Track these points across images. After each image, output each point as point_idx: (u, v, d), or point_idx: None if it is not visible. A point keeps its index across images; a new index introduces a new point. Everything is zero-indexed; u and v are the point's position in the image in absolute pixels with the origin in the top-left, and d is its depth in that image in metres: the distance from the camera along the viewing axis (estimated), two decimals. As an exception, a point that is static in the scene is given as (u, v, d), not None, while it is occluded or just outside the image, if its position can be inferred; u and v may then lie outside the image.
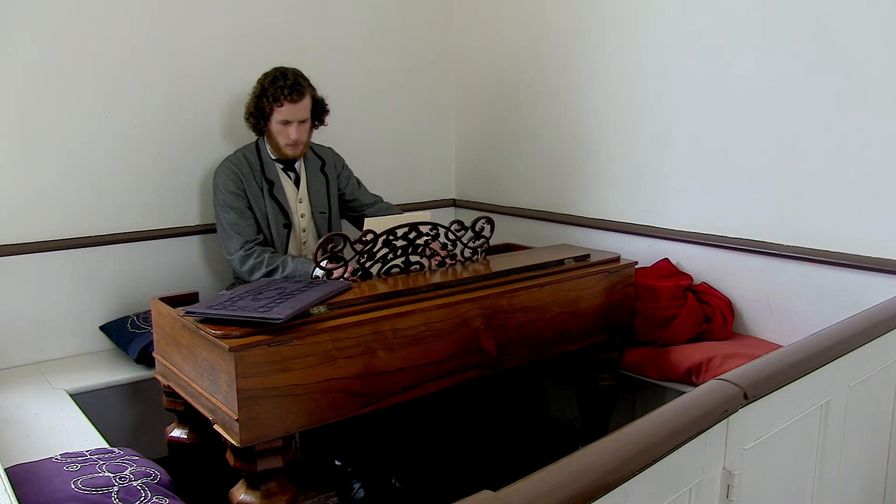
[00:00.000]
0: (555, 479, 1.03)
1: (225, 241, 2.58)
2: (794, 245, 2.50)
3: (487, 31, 3.52)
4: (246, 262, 2.51)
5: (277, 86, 2.55)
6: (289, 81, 2.56)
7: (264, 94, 2.58)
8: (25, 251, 2.56)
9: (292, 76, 2.58)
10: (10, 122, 2.51)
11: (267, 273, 2.48)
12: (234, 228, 2.55)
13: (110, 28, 2.66)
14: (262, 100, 2.58)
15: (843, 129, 2.35)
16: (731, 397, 1.34)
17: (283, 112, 2.56)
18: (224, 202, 2.58)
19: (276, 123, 2.59)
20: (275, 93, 2.55)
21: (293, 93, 2.55)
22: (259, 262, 2.49)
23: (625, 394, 2.85)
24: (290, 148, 2.62)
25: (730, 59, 2.60)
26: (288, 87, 2.54)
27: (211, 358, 1.78)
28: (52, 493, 1.57)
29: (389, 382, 1.97)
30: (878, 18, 2.24)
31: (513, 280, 2.29)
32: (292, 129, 2.58)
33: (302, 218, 2.73)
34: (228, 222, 2.56)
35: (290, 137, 2.59)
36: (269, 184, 2.65)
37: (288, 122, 2.57)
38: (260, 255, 2.51)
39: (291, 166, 2.72)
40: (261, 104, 2.59)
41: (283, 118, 2.57)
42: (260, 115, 2.61)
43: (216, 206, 2.62)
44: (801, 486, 1.68)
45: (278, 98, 2.54)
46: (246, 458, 1.81)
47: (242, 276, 2.56)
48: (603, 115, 3.05)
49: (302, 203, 2.73)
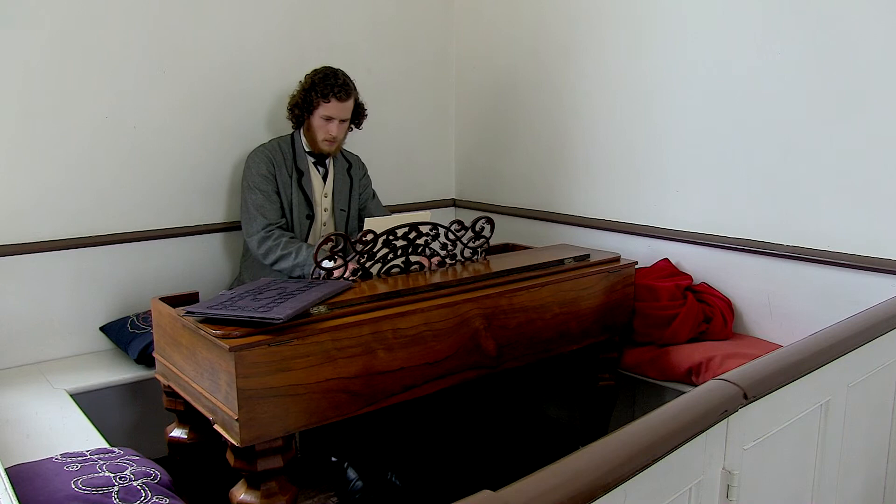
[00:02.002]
0: (555, 479, 1.03)
1: (247, 222, 2.66)
2: (794, 245, 2.50)
3: (487, 30, 3.52)
4: (264, 244, 2.59)
5: (328, 83, 2.66)
6: (339, 80, 2.68)
7: (314, 87, 2.67)
8: (26, 251, 2.56)
9: (342, 76, 2.71)
10: (10, 122, 2.51)
11: (280, 256, 2.56)
12: (260, 210, 2.64)
13: (111, 28, 2.66)
14: (311, 93, 2.68)
15: (842, 129, 2.35)
16: (730, 397, 1.34)
17: (329, 108, 2.66)
18: (253, 184, 2.67)
19: (318, 118, 2.69)
20: (325, 89, 2.65)
21: (342, 92, 2.66)
22: (275, 245, 2.58)
23: (625, 394, 2.85)
24: (328, 143, 2.72)
25: (730, 59, 2.60)
26: (338, 86, 2.66)
27: (211, 358, 1.78)
28: (52, 492, 1.57)
29: (389, 382, 1.97)
30: (877, 19, 2.24)
31: (513, 280, 2.29)
32: (334, 125, 2.69)
33: (325, 212, 2.82)
34: (255, 203, 2.65)
35: (331, 133, 2.69)
36: (298, 173, 2.74)
37: (331, 118, 2.68)
38: (278, 239, 2.59)
39: (322, 162, 2.81)
40: (308, 97, 2.68)
41: (327, 114, 2.67)
42: (305, 107, 2.70)
43: (244, 188, 2.70)
44: (800, 485, 1.68)
45: (327, 94, 2.65)
46: (246, 457, 1.81)
47: (258, 257, 2.64)
48: (603, 115, 3.05)
49: (327, 198, 2.82)
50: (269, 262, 2.60)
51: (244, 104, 3.01)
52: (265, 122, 3.07)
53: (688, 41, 2.72)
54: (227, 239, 3.04)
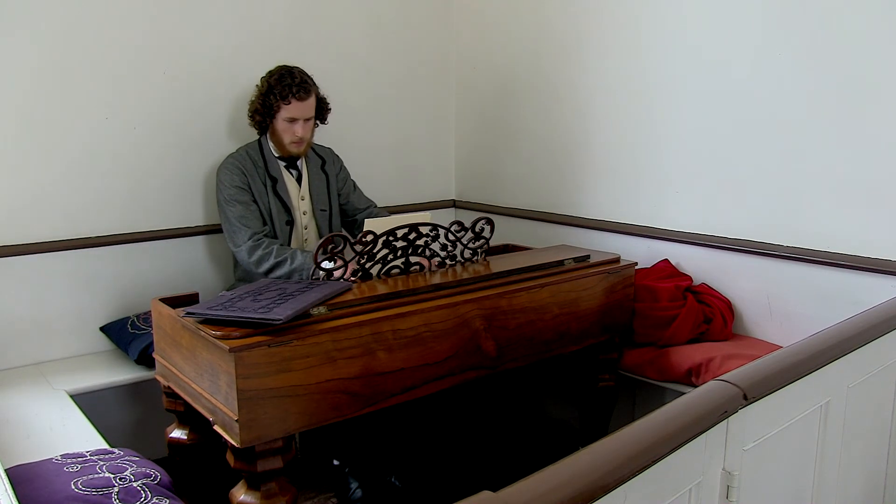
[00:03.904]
0: (555, 479, 1.03)
1: (232, 235, 2.60)
2: (794, 246, 2.50)
3: (487, 31, 3.52)
4: (254, 253, 2.53)
5: (285, 84, 2.58)
6: (296, 80, 2.60)
7: (271, 91, 2.60)
8: (26, 252, 2.56)
9: (298, 74, 2.62)
10: (10, 122, 2.51)
11: (275, 265, 2.50)
12: (242, 221, 2.58)
13: (111, 29, 2.66)
14: (268, 97, 2.61)
15: (842, 130, 2.35)
16: (730, 398, 1.34)
17: (290, 110, 2.59)
18: (229, 197, 2.60)
19: (281, 121, 2.62)
20: (282, 90, 2.58)
21: (300, 91, 2.59)
22: (267, 253, 2.51)
23: (625, 394, 2.85)
24: (295, 145, 2.66)
25: (729, 59, 2.61)
26: (296, 86, 2.58)
27: (211, 359, 1.78)
28: (52, 493, 1.57)
29: (389, 383, 1.97)
30: (876, 20, 2.24)
31: (513, 281, 2.29)
32: (298, 126, 2.62)
33: (304, 215, 2.76)
34: (235, 216, 2.58)
35: (297, 135, 2.63)
36: (272, 180, 2.68)
37: (294, 119, 2.61)
38: (268, 247, 2.53)
39: (294, 164, 2.74)
40: (268, 101, 2.62)
41: (289, 115, 2.60)
42: (266, 112, 2.64)
43: (220, 202, 2.63)
44: (800, 486, 1.68)
45: (286, 96, 2.58)
46: (246, 458, 1.81)
47: (249, 267, 2.57)
48: (603, 116, 3.05)
49: (304, 200, 2.76)
50: (262, 271, 2.52)
51: (244, 105, 2.98)
52: (265, 123, 3.07)
53: (688, 42, 2.72)
54: (227, 239, 3.05)
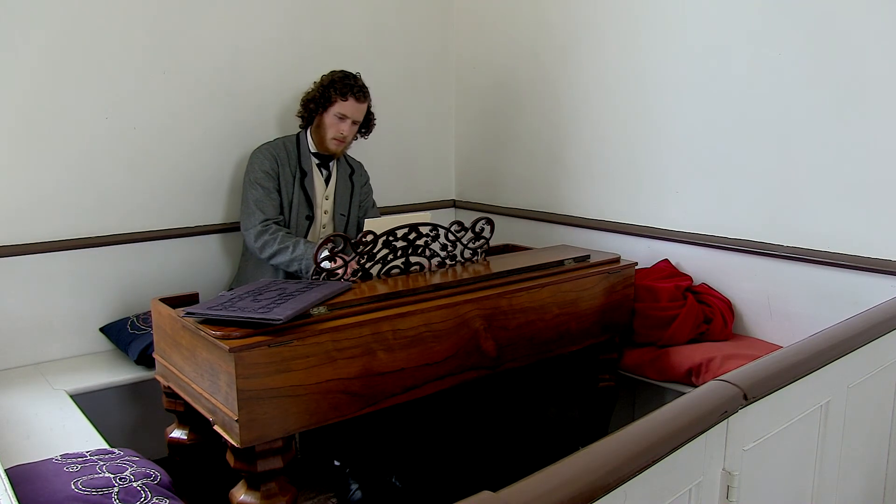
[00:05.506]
0: (555, 479, 1.03)
1: (245, 217, 2.67)
2: (794, 246, 2.50)
3: (486, 32, 3.52)
4: (260, 238, 2.60)
5: (348, 83, 2.69)
6: (358, 83, 2.73)
7: (333, 85, 2.69)
8: (26, 252, 2.56)
9: (361, 80, 2.74)
10: (10, 122, 2.51)
11: (277, 251, 2.57)
12: (258, 205, 2.65)
13: (111, 29, 2.66)
14: (329, 90, 2.69)
15: (842, 130, 2.35)
16: (730, 398, 1.34)
17: (345, 107, 2.68)
18: (255, 179, 2.68)
19: (332, 115, 2.70)
20: (343, 87, 2.68)
21: (361, 93, 2.72)
22: (272, 239, 2.59)
23: (625, 394, 2.85)
24: (336, 143, 2.73)
25: (729, 59, 2.61)
26: (358, 87, 2.71)
27: (211, 359, 1.78)
28: (52, 493, 1.57)
29: (389, 383, 1.97)
30: (876, 19, 2.24)
31: (513, 281, 2.29)
32: (346, 124, 2.71)
33: (325, 214, 2.82)
34: (254, 198, 2.66)
35: (342, 132, 2.71)
36: (302, 173, 2.75)
37: (345, 117, 2.70)
38: (275, 233, 2.60)
39: (326, 164, 2.82)
40: (327, 93, 2.70)
41: (343, 112, 2.69)
42: (322, 102, 2.71)
43: (246, 183, 2.71)
44: (801, 486, 1.68)
45: (345, 93, 2.68)
46: (246, 458, 1.81)
47: (254, 251, 2.64)
48: (602, 115, 3.05)
49: (328, 200, 2.83)
50: (265, 256, 2.60)
51: (244, 105, 3.01)
52: (265, 124, 3.07)
53: (687, 42, 2.72)
54: (227, 239, 3.05)
